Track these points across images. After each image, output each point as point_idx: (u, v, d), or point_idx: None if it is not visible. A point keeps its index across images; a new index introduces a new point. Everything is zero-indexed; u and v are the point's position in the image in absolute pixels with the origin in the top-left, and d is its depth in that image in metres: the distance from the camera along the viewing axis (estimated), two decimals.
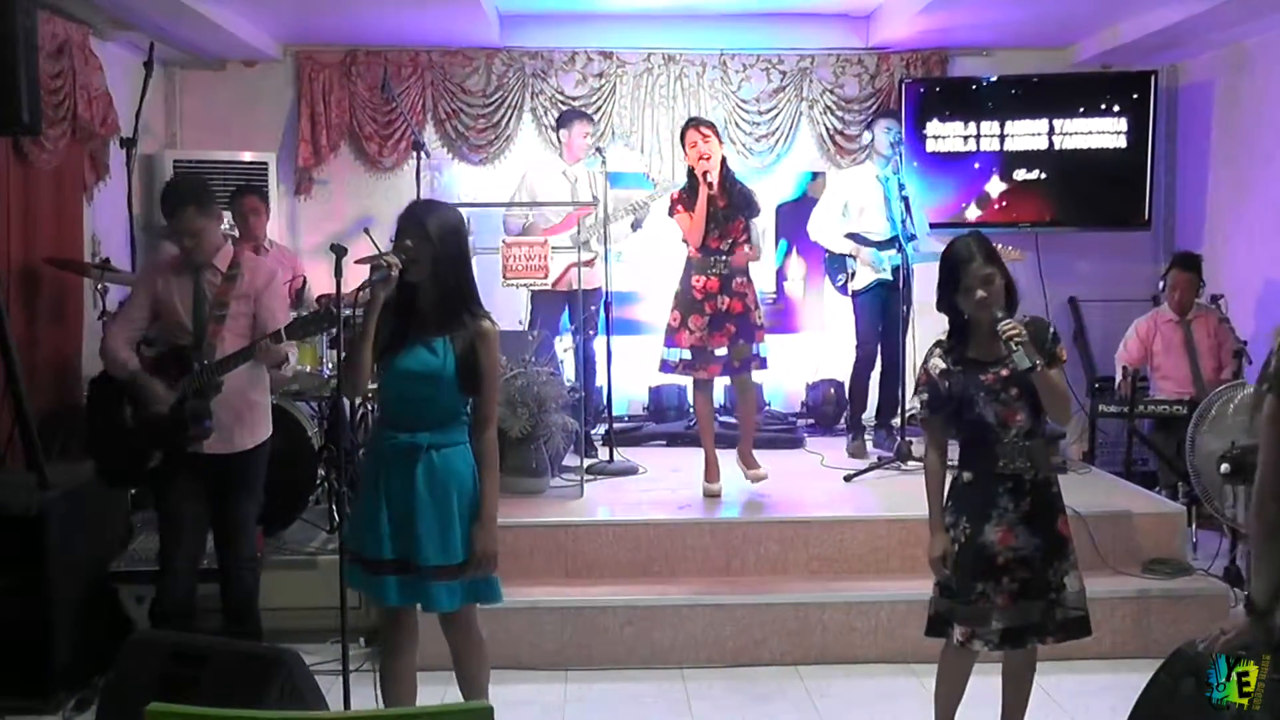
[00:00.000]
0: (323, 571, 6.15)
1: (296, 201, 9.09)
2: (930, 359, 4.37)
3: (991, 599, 4.27)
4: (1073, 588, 4.37)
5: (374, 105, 9.05)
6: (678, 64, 9.19)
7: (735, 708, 5.45)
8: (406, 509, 4.12)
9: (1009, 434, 4.26)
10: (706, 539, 6.35)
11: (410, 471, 4.13)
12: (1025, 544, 4.28)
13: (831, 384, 9.08)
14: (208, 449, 5.03)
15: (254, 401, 5.22)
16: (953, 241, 4.36)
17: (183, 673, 4.42)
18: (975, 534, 4.30)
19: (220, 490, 5.16)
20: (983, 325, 4.23)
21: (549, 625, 5.89)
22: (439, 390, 4.15)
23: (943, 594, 4.42)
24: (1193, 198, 9.25)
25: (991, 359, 4.25)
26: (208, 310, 5.05)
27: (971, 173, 9.13)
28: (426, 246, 4.08)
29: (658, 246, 8.40)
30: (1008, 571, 4.28)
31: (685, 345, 6.65)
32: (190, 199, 4.99)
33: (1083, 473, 7.60)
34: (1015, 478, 4.28)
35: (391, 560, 4.14)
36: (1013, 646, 4.36)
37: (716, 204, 6.60)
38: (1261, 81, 8.27)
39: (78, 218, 7.16)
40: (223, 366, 4.96)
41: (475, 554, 4.17)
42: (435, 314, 4.16)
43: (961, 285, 4.19)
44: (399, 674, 4.35)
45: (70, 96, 6.76)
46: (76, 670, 5.46)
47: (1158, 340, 7.89)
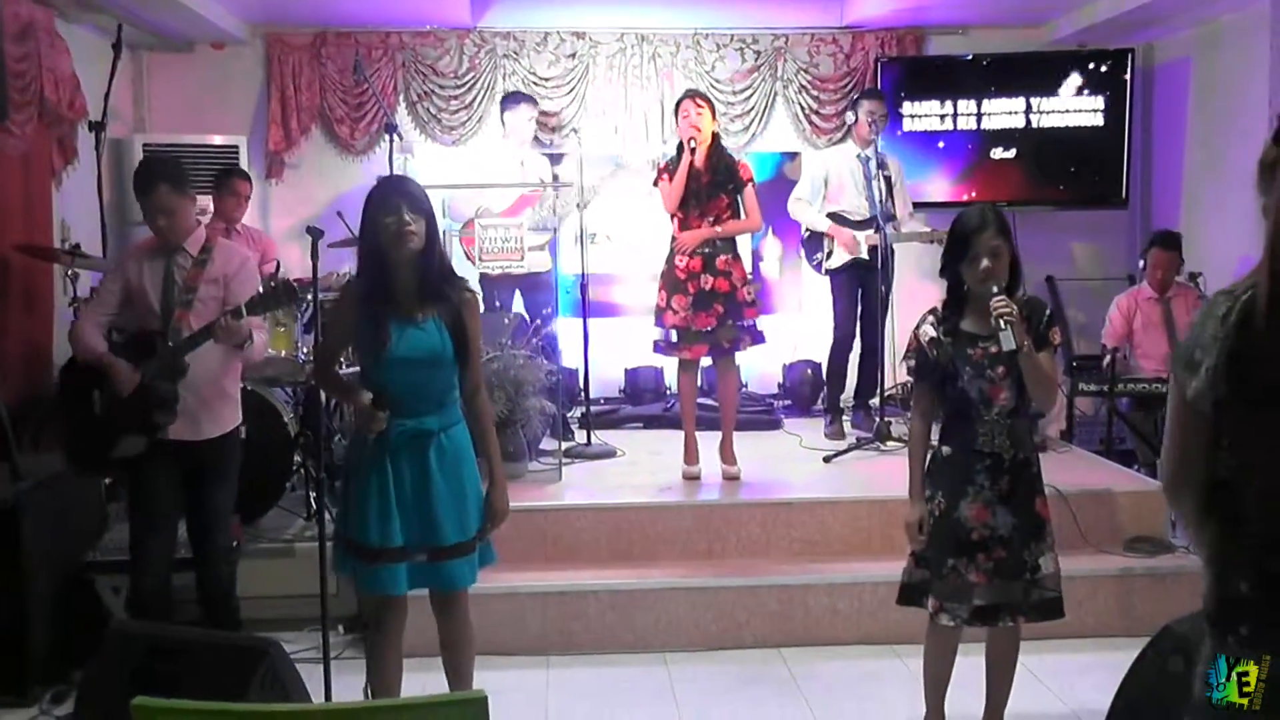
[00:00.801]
0: (301, 559, 6.10)
1: (268, 185, 8.99)
2: (921, 325, 4.35)
3: (964, 575, 4.28)
4: (1048, 569, 4.37)
5: (345, 88, 8.97)
6: (651, 44, 9.13)
7: (718, 691, 5.43)
8: (421, 494, 4.11)
9: (991, 411, 4.25)
10: (687, 522, 6.32)
11: (423, 457, 4.12)
12: (1001, 523, 4.28)
13: (809, 365, 9.06)
14: (174, 435, 4.92)
15: (223, 389, 5.11)
16: (967, 208, 4.35)
17: (161, 665, 4.36)
18: (950, 509, 4.30)
19: (192, 480, 5.07)
20: (982, 298, 4.20)
21: (530, 611, 5.86)
22: (439, 371, 4.14)
23: (918, 564, 4.43)
24: (1169, 176, 9.26)
25: (984, 334, 4.23)
26: (176, 295, 4.96)
27: (948, 152, 9.11)
28: (423, 218, 4.06)
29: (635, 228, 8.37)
30: (982, 549, 4.28)
31: (670, 325, 6.60)
32: (163, 177, 4.90)
33: (1063, 451, 7.61)
34: (995, 456, 4.28)
35: (399, 548, 4.11)
36: (983, 624, 4.37)
37: (699, 179, 6.55)
38: (1235, 60, 8.27)
39: (46, 203, 7.07)
40: (185, 346, 4.85)
41: (494, 514, 4.25)
42: (418, 290, 4.11)
43: (969, 253, 4.16)
44: (390, 659, 4.34)
45: (36, 80, 6.66)
46: (53, 663, 5.39)
47: (1138, 318, 7.88)
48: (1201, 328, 2.40)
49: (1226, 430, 2.40)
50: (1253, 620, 2.35)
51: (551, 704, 5.31)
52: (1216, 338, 2.36)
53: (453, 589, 4.26)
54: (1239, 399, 2.34)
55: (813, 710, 5.18)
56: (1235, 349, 2.33)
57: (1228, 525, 2.43)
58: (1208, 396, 2.37)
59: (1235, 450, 2.39)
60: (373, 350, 4.10)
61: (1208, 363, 2.36)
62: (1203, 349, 2.38)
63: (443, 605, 4.35)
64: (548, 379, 6.93)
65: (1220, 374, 2.34)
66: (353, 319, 4.16)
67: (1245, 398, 2.33)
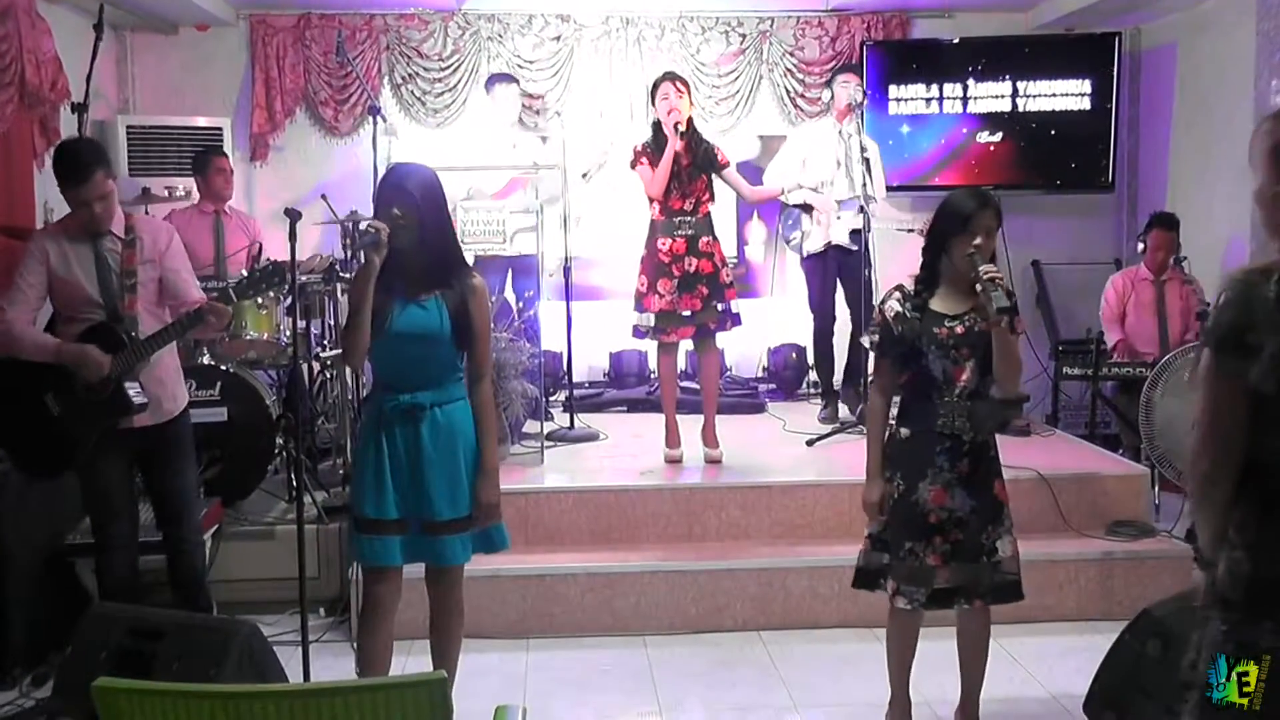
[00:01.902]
0: (282, 542, 6.10)
1: (252, 168, 8.97)
2: (887, 301, 4.35)
3: (921, 558, 4.29)
4: (1005, 552, 4.37)
5: (329, 70, 8.94)
6: (636, 26, 9.11)
7: (698, 674, 5.43)
8: (414, 467, 4.14)
9: (953, 392, 4.26)
10: (668, 505, 6.32)
11: (415, 430, 4.14)
12: (960, 505, 4.29)
13: (793, 348, 9.06)
14: (137, 422, 4.84)
15: (169, 365, 5.01)
16: (962, 189, 4.39)
17: (140, 646, 4.39)
18: (909, 491, 4.31)
19: (154, 465, 5.02)
20: (960, 277, 4.22)
21: (510, 594, 5.86)
22: (436, 349, 4.16)
23: (874, 547, 4.43)
24: (1156, 160, 9.26)
25: (952, 313, 4.25)
26: (117, 281, 4.81)
27: (934, 136, 9.09)
28: (413, 211, 4.07)
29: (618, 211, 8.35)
30: (940, 531, 4.29)
31: (654, 310, 6.59)
32: (99, 161, 4.72)
33: (1046, 435, 7.62)
34: (954, 438, 4.28)
35: (396, 520, 4.15)
36: (940, 607, 4.36)
37: (680, 162, 6.54)
38: (1221, 44, 8.26)
39: (28, 185, 7.02)
40: (160, 339, 4.76)
41: (480, 505, 4.22)
42: (424, 275, 4.15)
43: (967, 227, 4.16)
44: (382, 636, 4.33)
45: (17, 60, 6.62)
46: (33, 645, 5.39)
47: (1131, 298, 7.86)
48: (1246, 309, 2.38)
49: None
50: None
51: (531, 686, 5.31)
52: (1274, 322, 2.34)
53: (443, 564, 4.29)
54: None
55: (791, 693, 5.19)
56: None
57: (1270, 509, 2.42)
58: (1271, 379, 2.36)
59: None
60: (378, 324, 4.12)
61: (1270, 347, 2.34)
62: (1255, 332, 2.36)
63: (436, 581, 4.39)
64: (530, 362, 6.92)
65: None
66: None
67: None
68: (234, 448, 6.33)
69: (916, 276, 4.35)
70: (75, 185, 4.70)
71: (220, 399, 6.30)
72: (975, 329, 4.21)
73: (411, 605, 4.48)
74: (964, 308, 4.25)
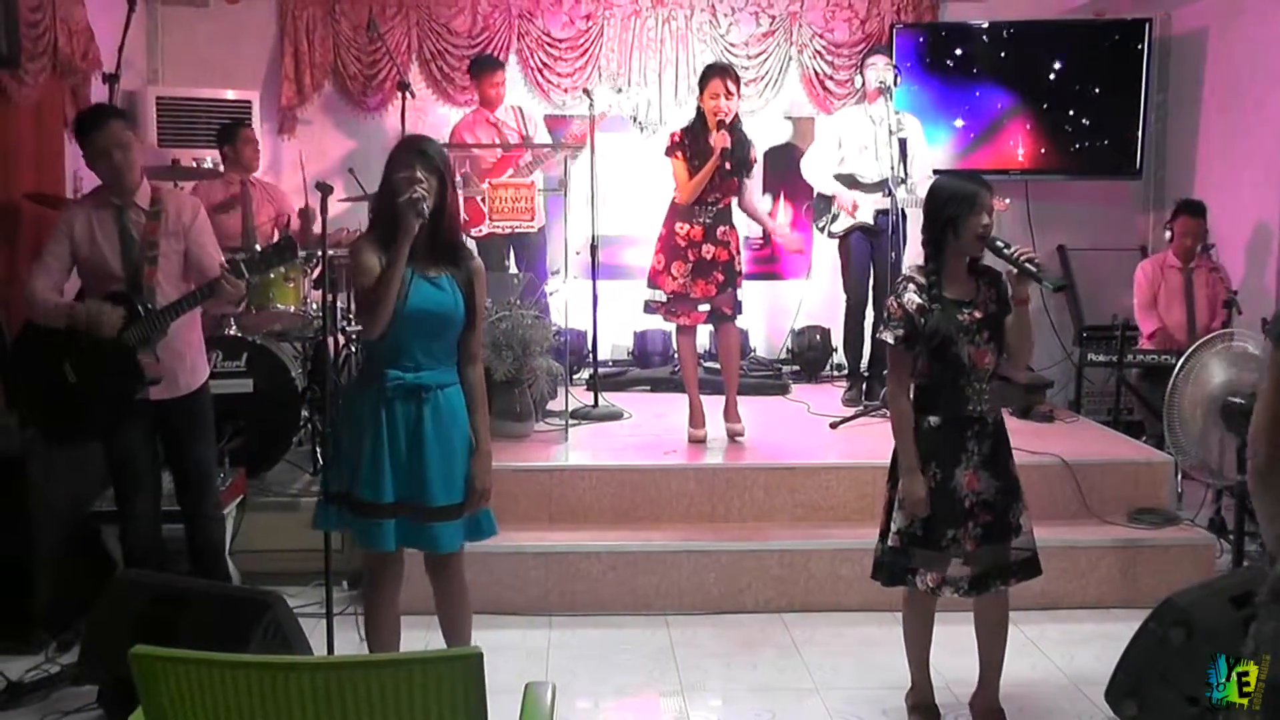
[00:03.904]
0: (305, 514, 6.07)
1: (280, 141, 8.99)
2: (905, 294, 4.32)
3: (962, 544, 4.29)
4: (1026, 527, 4.42)
5: (358, 45, 8.94)
6: (666, 6, 9.08)
7: (719, 654, 5.44)
8: (413, 451, 4.08)
9: (980, 376, 4.27)
10: (691, 485, 6.33)
11: (418, 412, 4.08)
12: (987, 487, 4.32)
13: (817, 330, 9.05)
14: (154, 395, 4.84)
15: (191, 340, 5.01)
16: (947, 177, 4.45)
17: (165, 614, 4.42)
18: (946, 479, 4.31)
19: (172, 438, 5.02)
20: (963, 261, 4.28)
21: (532, 570, 5.87)
22: (447, 329, 4.13)
23: (906, 542, 4.39)
24: (1184, 146, 9.20)
25: (966, 299, 4.28)
26: (138, 252, 4.80)
27: (961, 120, 9.06)
28: (435, 176, 4.05)
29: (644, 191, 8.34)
30: (972, 515, 4.31)
31: (667, 290, 6.58)
32: (114, 114, 4.74)
33: (1070, 421, 7.60)
34: (980, 420, 4.32)
35: (390, 504, 4.08)
36: (980, 592, 4.38)
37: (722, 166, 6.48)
38: (1255, 30, 8.21)
39: (59, 153, 7.07)
40: (175, 310, 4.74)
41: (474, 490, 4.18)
42: (433, 249, 4.10)
43: (976, 205, 4.18)
44: (386, 616, 4.33)
45: (50, 30, 6.65)
46: (58, 611, 5.43)
47: (1161, 286, 7.83)
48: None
49: None
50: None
51: (553, 663, 5.33)
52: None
53: (437, 552, 4.23)
54: None
55: (812, 674, 5.20)
56: None
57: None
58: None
59: None
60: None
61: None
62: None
63: (434, 567, 4.34)
64: (555, 340, 6.93)
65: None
66: (377, 265, 4.05)
67: None
68: (259, 419, 6.37)
69: (924, 267, 4.35)
70: (92, 133, 4.72)
71: (246, 371, 6.35)
72: (990, 310, 4.27)
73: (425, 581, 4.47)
74: (972, 292, 4.30)
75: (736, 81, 6.60)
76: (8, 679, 4.95)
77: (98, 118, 4.76)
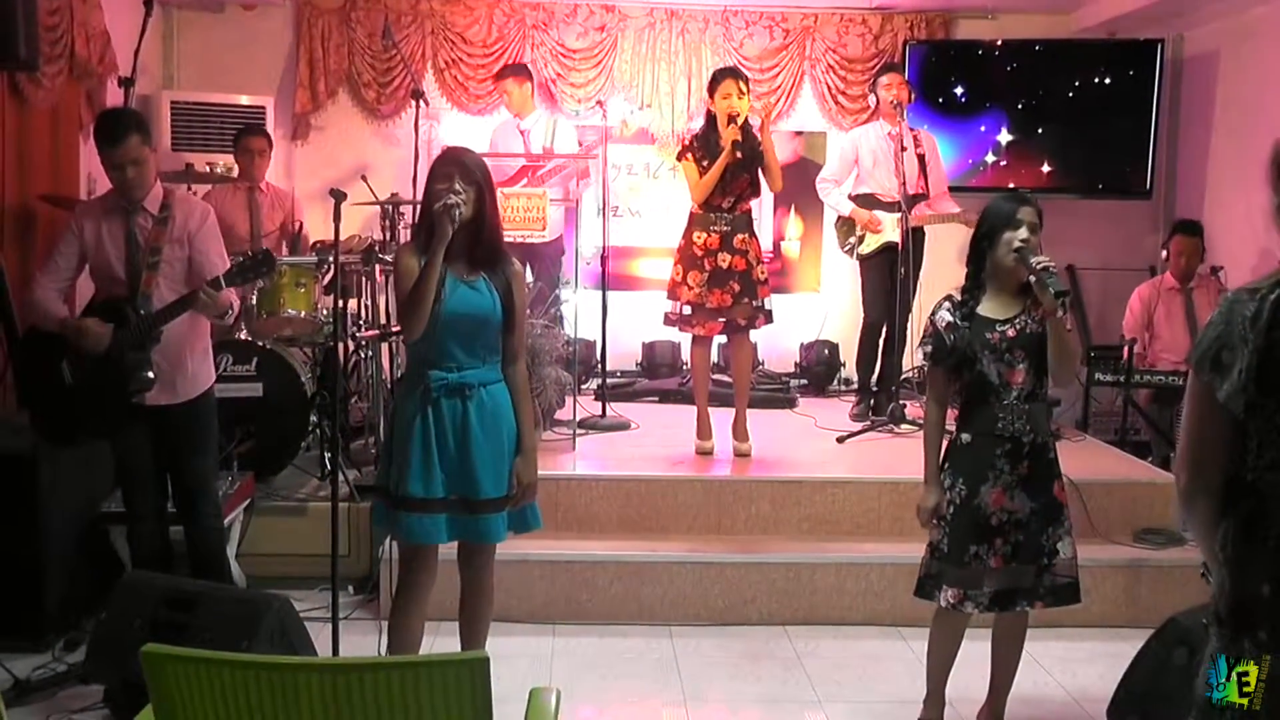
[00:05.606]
0: (313, 519, 6.16)
1: (293, 147, 9.03)
2: (938, 312, 4.36)
3: (985, 561, 4.28)
4: (1065, 554, 4.38)
5: (373, 53, 8.99)
6: (680, 19, 9.13)
7: (722, 665, 5.45)
8: (461, 446, 4.18)
9: (1010, 394, 4.27)
10: (698, 496, 6.34)
11: (463, 408, 4.19)
12: (1020, 507, 4.29)
13: (826, 345, 9.06)
14: (150, 401, 4.85)
15: (195, 348, 5.02)
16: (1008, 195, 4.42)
17: (173, 616, 4.44)
18: (971, 496, 4.30)
19: (170, 446, 5.02)
20: (1009, 278, 4.28)
21: (538, 578, 5.89)
22: (485, 330, 4.21)
23: (934, 555, 4.42)
24: (1194, 168, 9.21)
25: (1002, 318, 4.28)
26: (140, 257, 4.82)
27: (972, 138, 9.09)
28: (473, 187, 4.13)
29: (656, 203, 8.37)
30: (1000, 533, 4.29)
31: (685, 301, 6.59)
32: (135, 126, 4.75)
33: (1077, 440, 7.60)
34: (1014, 440, 4.29)
35: (442, 499, 4.18)
36: (1002, 609, 4.37)
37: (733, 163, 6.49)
38: (1267, 53, 8.22)
39: (74, 156, 7.11)
40: (162, 317, 4.75)
41: (521, 484, 4.31)
42: (472, 255, 4.20)
43: (1012, 221, 4.21)
44: (416, 613, 4.38)
45: (68, 33, 6.69)
46: (67, 610, 5.45)
47: (1159, 309, 7.85)
48: (1227, 327, 2.39)
49: (1255, 431, 2.39)
50: (1272, 622, 2.35)
51: (556, 672, 5.34)
52: (1245, 339, 2.35)
53: (485, 542, 4.34)
54: (1272, 399, 2.34)
55: (815, 687, 5.21)
56: (1266, 350, 2.33)
57: (1249, 526, 2.43)
58: (1240, 398, 2.37)
59: (1264, 451, 2.39)
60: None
61: (1239, 364, 2.36)
62: (1231, 350, 2.37)
63: (469, 561, 4.44)
64: (564, 349, 6.94)
65: (1252, 375, 2.34)
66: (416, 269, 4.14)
67: (1278, 399, 2.34)
68: (268, 424, 6.39)
69: (963, 286, 4.37)
70: (110, 146, 4.73)
71: (256, 375, 6.37)
72: (1027, 330, 4.24)
73: (439, 587, 4.49)
74: (1013, 311, 4.28)
75: (747, 82, 6.64)
76: (15, 677, 4.96)
77: (117, 129, 4.73)
